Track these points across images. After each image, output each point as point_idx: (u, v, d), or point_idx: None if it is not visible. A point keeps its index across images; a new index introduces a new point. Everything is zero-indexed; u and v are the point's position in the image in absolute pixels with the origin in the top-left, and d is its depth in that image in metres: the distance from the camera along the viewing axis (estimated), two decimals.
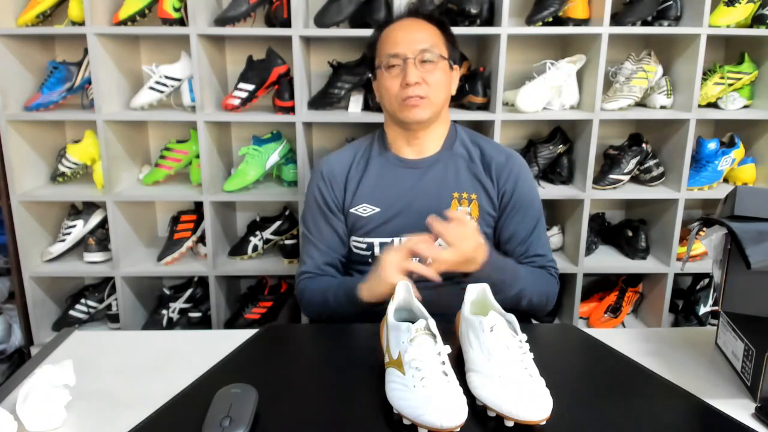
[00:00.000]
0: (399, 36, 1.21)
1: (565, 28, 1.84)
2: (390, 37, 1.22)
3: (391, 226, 1.24)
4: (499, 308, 0.89)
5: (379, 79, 1.25)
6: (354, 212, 1.27)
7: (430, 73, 1.19)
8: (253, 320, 1.97)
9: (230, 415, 0.74)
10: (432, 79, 1.19)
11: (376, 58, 1.25)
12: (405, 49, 1.18)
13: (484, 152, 1.28)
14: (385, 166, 1.28)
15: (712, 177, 1.93)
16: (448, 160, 1.27)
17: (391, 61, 1.20)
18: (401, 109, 1.21)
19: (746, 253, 0.82)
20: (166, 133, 2.10)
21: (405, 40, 1.19)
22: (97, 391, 0.88)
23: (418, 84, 1.18)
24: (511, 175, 1.26)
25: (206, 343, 1.05)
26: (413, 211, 1.23)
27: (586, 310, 2.11)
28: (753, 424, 0.80)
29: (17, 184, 1.86)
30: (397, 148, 1.29)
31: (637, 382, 0.88)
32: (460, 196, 1.25)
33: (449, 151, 1.28)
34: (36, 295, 1.95)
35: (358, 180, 1.27)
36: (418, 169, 1.27)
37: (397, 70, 1.20)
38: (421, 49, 1.18)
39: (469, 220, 1.20)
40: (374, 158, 1.29)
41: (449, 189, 1.24)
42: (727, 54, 2.06)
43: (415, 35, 1.20)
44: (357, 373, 0.89)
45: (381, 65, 1.22)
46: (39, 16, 1.80)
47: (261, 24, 1.93)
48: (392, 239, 1.23)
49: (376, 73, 1.25)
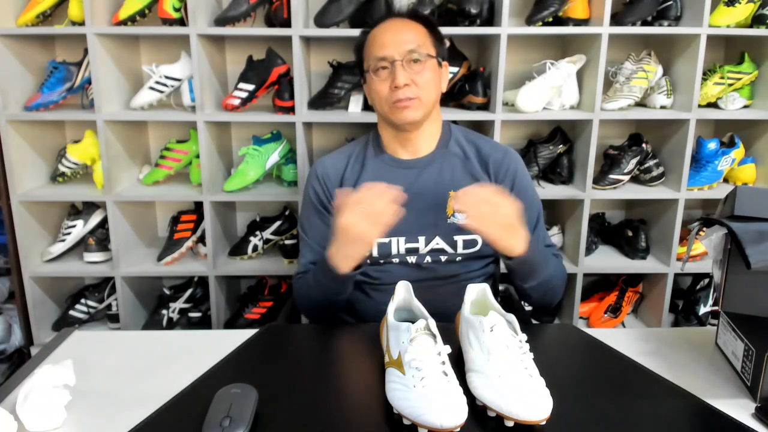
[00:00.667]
0: (386, 38, 1.20)
1: (565, 28, 1.84)
2: (377, 39, 1.21)
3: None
4: (499, 308, 0.89)
5: (368, 83, 1.24)
6: None
7: (418, 73, 1.18)
8: (253, 320, 1.97)
9: (230, 415, 0.74)
10: (421, 79, 1.18)
11: (364, 61, 1.25)
12: (392, 51, 1.18)
13: (480, 150, 1.28)
14: (381, 167, 1.28)
15: (712, 177, 1.93)
16: (444, 159, 1.27)
17: (379, 64, 1.19)
18: (392, 112, 1.20)
19: (746, 253, 0.82)
20: (166, 133, 2.10)
21: (392, 42, 1.18)
22: (97, 391, 0.88)
23: (407, 86, 1.17)
24: (509, 170, 1.26)
25: (206, 343, 1.05)
26: (410, 212, 1.21)
27: (586, 310, 2.11)
28: (753, 424, 0.80)
29: (17, 184, 1.86)
30: (392, 149, 1.29)
31: (637, 382, 0.88)
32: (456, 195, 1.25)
33: (444, 150, 1.28)
34: (36, 295, 1.95)
35: (354, 182, 1.27)
36: (414, 170, 1.26)
37: (385, 72, 1.19)
38: (409, 49, 1.18)
39: (484, 184, 1.21)
40: (370, 160, 1.29)
41: (445, 188, 1.24)
42: (727, 54, 2.06)
43: (401, 36, 1.19)
44: (357, 373, 0.89)
45: (369, 69, 1.21)
46: (39, 16, 1.80)
47: (261, 24, 1.93)
48: (389, 240, 1.23)
49: (366, 77, 1.25)
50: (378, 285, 1.26)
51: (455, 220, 1.22)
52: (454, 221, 1.22)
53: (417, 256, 1.24)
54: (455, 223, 1.22)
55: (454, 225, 1.22)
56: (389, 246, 1.23)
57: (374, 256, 1.25)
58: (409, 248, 1.23)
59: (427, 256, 1.23)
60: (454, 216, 1.22)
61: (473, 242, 1.23)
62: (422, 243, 1.23)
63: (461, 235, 1.22)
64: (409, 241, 1.23)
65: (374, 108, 1.27)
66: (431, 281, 1.23)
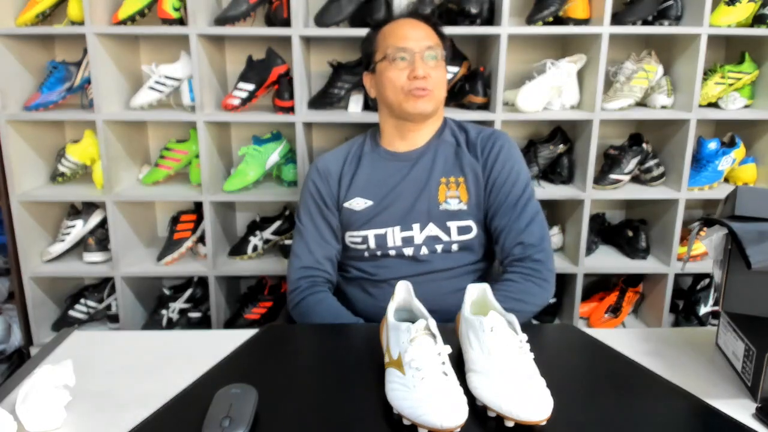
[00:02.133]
0: (407, 31, 1.26)
1: (566, 27, 1.84)
2: (397, 31, 1.26)
3: (384, 217, 1.27)
4: (500, 308, 0.89)
5: (381, 71, 1.27)
6: (348, 207, 1.29)
7: (434, 69, 1.24)
8: (253, 320, 1.97)
9: (230, 415, 0.73)
10: (436, 75, 1.24)
11: (377, 51, 1.29)
12: (413, 44, 1.23)
13: (469, 134, 1.32)
14: (377, 160, 1.32)
15: (713, 177, 1.93)
16: (437, 148, 1.30)
17: (398, 54, 1.23)
18: (407, 100, 1.24)
19: (747, 253, 0.82)
20: (166, 133, 2.10)
21: (413, 36, 1.24)
22: (97, 391, 0.88)
23: (425, 78, 1.22)
24: (494, 147, 1.28)
25: (206, 343, 1.05)
26: (403, 201, 1.27)
27: (587, 310, 2.10)
28: (753, 424, 0.80)
29: (17, 184, 1.86)
30: (389, 142, 1.33)
31: (638, 383, 0.88)
32: (447, 181, 1.27)
33: (437, 140, 1.31)
34: (36, 295, 1.95)
35: (351, 176, 1.31)
36: (409, 161, 1.30)
37: (404, 63, 1.23)
38: (428, 45, 1.24)
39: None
40: (366, 154, 1.33)
41: (437, 175, 1.27)
42: (727, 54, 2.06)
43: (419, 32, 1.26)
44: (357, 373, 0.89)
45: (387, 57, 1.25)
46: (38, 16, 1.80)
47: (261, 24, 1.93)
48: (385, 230, 1.26)
49: (376, 67, 1.28)
50: (377, 281, 1.27)
51: (447, 206, 1.25)
52: (446, 208, 1.25)
53: (413, 246, 1.26)
54: (448, 209, 1.25)
55: (447, 211, 1.25)
56: (385, 237, 1.26)
57: (372, 248, 1.26)
58: (405, 237, 1.26)
59: (423, 246, 1.25)
60: (446, 202, 1.25)
61: (468, 228, 1.26)
62: (417, 230, 1.25)
63: (454, 221, 1.25)
64: (404, 230, 1.26)
65: (381, 98, 1.30)
66: (428, 275, 1.25)
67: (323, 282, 1.29)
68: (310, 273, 1.28)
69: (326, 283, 1.30)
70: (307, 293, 1.25)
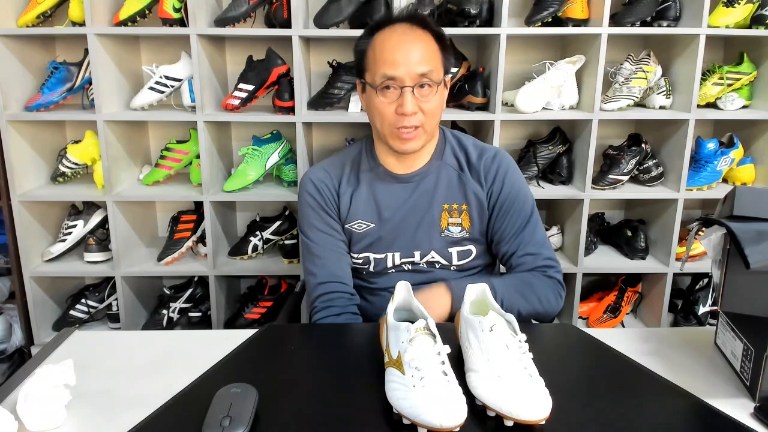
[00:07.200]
0: (397, 55, 1.10)
1: (565, 28, 1.84)
2: (385, 54, 1.11)
3: (386, 241, 1.23)
4: (499, 308, 0.89)
5: (370, 97, 1.16)
6: (349, 228, 1.24)
7: (426, 99, 1.12)
8: (253, 320, 1.97)
9: (230, 415, 0.74)
10: (428, 106, 1.12)
11: (367, 72, 1.15)
12: (403, 73, 1.09)
13: (470, 154, 1.24)
14: (376, 181, 1.24)
15: (711, 177, 1.93)
16: (439, 172, 1.23)
17: (387, 83, 1.11)
18: (392, 138, 1.15)
19: (745, 253, 0.82)
20: (166, 133, 2.10)
21: (403, 62, 1.09)
22: (97, 391, 0.88)
23: (414, 114, 1.11)
24: (498, 173, 1.22)
25: (206, 343, 1.05)
26: (405, 228, 1.22)
27: (586, 309, 2.11)
28: (752, 423, 0.80)
29: (17, 184, 1.86)
30: (386, 161, 1.24)
31: (637, 382, 0.88)
32: (450, 208, 1.22)
33: (439, 161, 1.24)
34: (36, 295, 1.95)
35: (350, 195, 1.24)
36: (410, 183, 1.23)
37: (393, 94, 1.11)
38: (420, 73, 1.10)
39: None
40: (365, 173, 1.25)
41: (440, 201, 1.22)
42: (726, 54, 2.06)
43: (412, 54, 1.10)
44: (357, 373, 0.89)
45: (375, 85, 1.12)
46: (39, 17, 1.80)
47: (261, 24, 1.93)
48: (385, 255, 1.23)
49: (366, 88, 1.17)
50: (376, 290, 1.27)
51: (449, 234, 1.22)
52: (448, 235, 1.22)
53: (413, 265, 1.25)
54: (450, 237, 1.22)
55: (449, 238, 1.22)
56: (385, 261, 1.24)
57: (371, 271, 1.25)
58: (405, 261, 1.24)
59: (423, 265, 1.25)
60: (448, 230, 1.22)
61: (468, 252, 1.24)
62: (417, 257, 1.23)
63: (456, 248, 1.23)
64: (405, 256, 1.23)
65: (371, 122, 1.20)
66: (428, 284, 1.21)
67: (339, 297, 1.20)
68: (327, 290, 1.21)
69: (342, 298, 1.21)
70: (321, 315, 1.19)
